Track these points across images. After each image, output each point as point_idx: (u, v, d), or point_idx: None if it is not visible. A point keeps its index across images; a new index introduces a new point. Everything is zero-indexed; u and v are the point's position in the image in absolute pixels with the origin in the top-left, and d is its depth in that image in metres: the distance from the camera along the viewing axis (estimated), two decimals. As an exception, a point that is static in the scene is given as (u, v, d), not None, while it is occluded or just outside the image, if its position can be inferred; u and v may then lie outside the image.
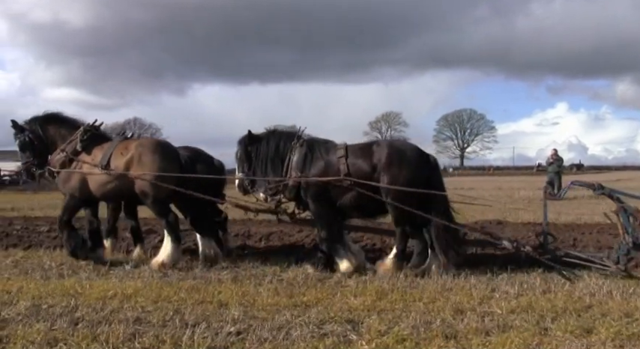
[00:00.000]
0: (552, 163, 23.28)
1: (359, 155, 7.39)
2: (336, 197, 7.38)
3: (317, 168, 7.47)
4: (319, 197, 7.43)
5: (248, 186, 7.90)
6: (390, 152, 7.26)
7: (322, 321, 4.94)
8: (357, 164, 7.30)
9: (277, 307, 5.41)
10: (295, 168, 7.50)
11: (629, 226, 6.80)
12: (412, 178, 7.10)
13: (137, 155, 7.83)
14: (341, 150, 7.44)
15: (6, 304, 5.48)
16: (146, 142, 8.28)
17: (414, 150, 7.45)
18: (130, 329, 4.63)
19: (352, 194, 7.27)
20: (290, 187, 7.53)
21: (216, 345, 4.31)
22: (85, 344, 4.26)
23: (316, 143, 7.76)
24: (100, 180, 7.91)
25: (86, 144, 8.13)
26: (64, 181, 8.20)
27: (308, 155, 7.57)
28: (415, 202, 7.05)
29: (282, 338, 4.45)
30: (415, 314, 5.14)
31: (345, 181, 7.21)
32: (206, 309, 5.33)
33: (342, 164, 7.31)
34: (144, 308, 5.37)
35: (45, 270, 7.43)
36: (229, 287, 6.22)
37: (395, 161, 7.20)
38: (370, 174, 7.22)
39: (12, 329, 4.62)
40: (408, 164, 7.21)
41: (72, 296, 5.80)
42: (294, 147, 7.66)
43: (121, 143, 8.13)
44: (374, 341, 4.44)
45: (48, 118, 8.53)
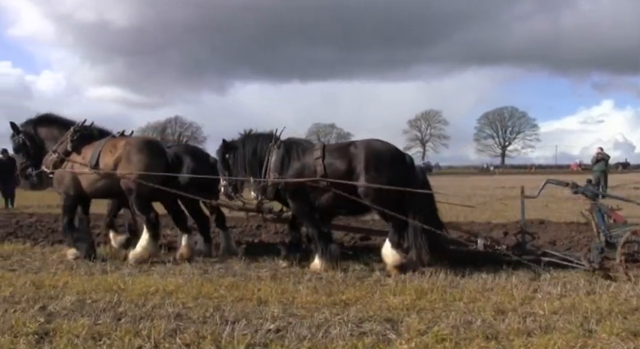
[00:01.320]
0: (598, 162, 22.77)
1: (336, 156, 7.47)
2: (314, 197, 7.51)
3: (294, 169, 7.59)
4: (298, 196, 7.57)
5: (231, 193, 8.02)
6: (368, 153, 7.31)
7: (361, 320, 4.92)
8: (333, 165, 7.38)
9: (316, 305, 5.42)
10: (273, 170, 7.64)
11: (602, 225, 6.87)
12: (390, 178, 7.16)
13: (125, 154, 8.07)
14: (318, 151, 7.53)
15: (52, 298, 5.61)
16: (133, 141, 8.46)
17: (391, 151, 7.52)
18: (171, 324, 4.69)
19: (329, 194, 7.38)
20: (269, 188, 7.70)
21: (256, 342, 4.32)
22: (128, 339, 4.32)
23: (294, 144, 7.88)
24: (90, 178, 8.21)
25: (76, 144, 8.42)
26: (57, 181, 8.49)
27: (285, 156, 7.69)
28: (393, 202, 7.16)
29: (321, 336, 4.45)
30: (455, 313, 5.09)
31: (322, 182, 7.32)
32: (246, 306, 5.37)
33: (319, 165, 7.40)
34: (185, 304, 5.43)
35: (89, 266, 7.59)
36: (269, 285, 6.26)
37: (372, 162, 7.25)
38: (347, 174, 7.29)
39: (58, 323, 4.72)
40: (385, 164, 7.26)
41: (115, 292, 5.90)
42: (271, 148, 7.78)
43: (110, 142, 8.37)
44: (413, 340, 4.40)
45: (40, 120, 8.84)
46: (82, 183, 8.30)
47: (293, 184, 7.53)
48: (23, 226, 11.67)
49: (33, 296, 5.69)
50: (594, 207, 7.01)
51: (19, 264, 7.78)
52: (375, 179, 7.17)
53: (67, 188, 8.40)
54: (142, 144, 8.32)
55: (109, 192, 8.50)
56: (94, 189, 8.33)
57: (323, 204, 7.52)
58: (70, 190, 8.39)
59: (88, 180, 8.25)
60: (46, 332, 4.51)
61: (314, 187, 7.42)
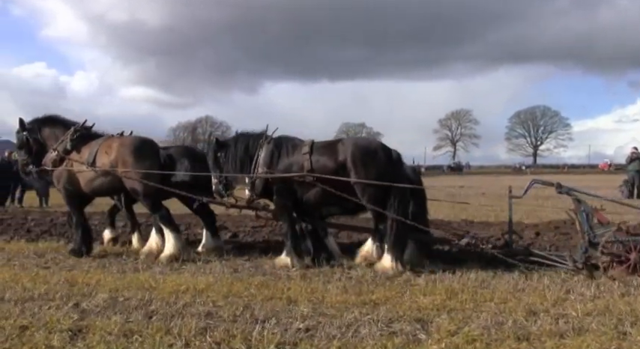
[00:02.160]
0: (633, 161, 22.34)
1: (323, 152, 7.57)
2: (301, 192, 7.64)
3: (282, 165, 7.73)
4: (283, 191, 7.70)
5: (222, 191, 8.15)
6: (355, 150, 7.38)
7: (391, 320, 4.90)
8: (320, 161, 7.49)
9: (346, 305, 5.41)
10: (262, 165, 7.78)
11: (585, 225, 6.94)
12: (377, 175, 7.23)
13: (120, 153, 8.33)
14: (306, 147, 7.64)
15: (85, 296, 5.69)
16: (127, 141, 8.65)
17: (378, 147, 7.55)
18: (201, 323, 4.72)
19: (316, 190, 7.49)
20: (257, 183, 7.84)
21: (286, 341, 4.33)
22: (159, 337, 4.36)
23: (283, 140, 8.00)
24: (87, 176, 8.52)
25: (75, 144, 8.72)
26: (57, 178, 8.84)
27: (275, 152, 7.83)
28: (381, 199, 7.25)
29: (351, 336, 4.44)
30: (486, 314, 5.04)
31: (308, 177, 7.43)
32: (275, 305, 5.38)
33: (306, 160, 7.51)
34: (215, 302, 5.46)
35: (121, 264, 7.70)
36: (298, 284, 6.26)
37: (359, 158, 7.31)
38: (334, 171, 7.39)
39: (91, 321, 4.78)
40: (372, 161, 7.31)
41: (146, 290, 5.96)
42: (262, 145, 7.92)
43: (106, 141, 8.64)
44: (443, 340, 4.36)
45: (45, 120, 9.18)
46: (80, 181, 8.63)
47: (280, 179, 7.67)
48: (57, 224, 11.89)
49: (67, 293, 5.78)
50: (578, 207, 7.08)
51: (53, 262, 7.93)
52: (361, 175, 7.26)
53: (65, 185, 8.75)
54: (136, 144, 8.52)
55: (104, 190, 8.83)
56: (91, 187, 8.62)
57: (310, 199, 7.64)
58: (68, 187, 8.74)
59: (85, 178, 8.57)
60: (79, 328, 4.58)
61: (301, 183, 7.55)
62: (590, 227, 6.93)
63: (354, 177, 7.27)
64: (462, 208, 13.79)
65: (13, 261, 7.96)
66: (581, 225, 7.02)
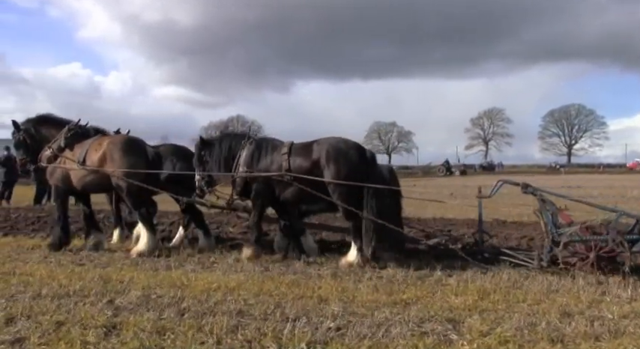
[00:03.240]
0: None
1: (300, 153, 7.87)
2: (279, 191, 7.96)
3: (262, 165, 8.07)
4: (262, 190, 8.04)
5: (204, 187, 8.48)
6: (329, 150, 7.63)
7: (422, 320, 4.88)
8: (297, 161, 7.80)
9: (377, 304, 5.40)
10: (243, 164, 8.14)
11: (550, 224, 7.10)
12: (349, 174, 7.48)
13: (108, 151, 8.66)
14: (285, 148, 7.95)
15: (119, 293, 5.77)
16: (116, 140, 8.99)
17: (352, 147, 7.76)
18: (233, 321, 4.75)
19: (294, 189, 7.80)
20: (238, 182, 8.18)
21: (317, 340, 4.33)
22: (191, 334, 4.39)
23: (264, 141, 8.39)
24: (79, 174, 8.89)
25: (69, 142, 9.12)
26: (50, 174, 9.24)
27: (255, 152, 8.17)
28: (353, 198, 7.48)
29: (382, 336, 4.43)
30: (519, 315, 4.98)
31: (286, 176, 7.76)
32: (306, 304, 5.39)
33: (285, 160, 7.83)
34: (246, 301, 5.49)
35: (154, 262, 7.79)
36: (329, 283, 6.27)
37: (333, 158, 7.57)
38: (310, 170, 7.69)
39: (124, 317, 4.84)
40: (346, 160, 7.55)
41: (179, 288, 6.02)
42: (243, 145, 8.28)
43: (96, 140, 9.02)
44: (475, 341, 4.33)
45: (40, 119, 9.59)
46: (71, 178, 8.99)
47: (260, 178, 7.99)
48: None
49: (101, 290, 5.87)
50: (543, 207, 7.22)
51: (87, 259, 8.07)
52: (333, 173, 7.52)
53: (57, 181, 9.12)
54: (124, 142, 8.83)
55: (95, 187, 9.16)
56: (82, 184, 8.97)
57: (288, 198, 7.97)
58: (59, 183, 9.11)
59: (76, 176, 8.93)
60: (113, 325, 4.64)
61: (279, 182, 7.88)
62: (554, 226, 7.09)
63: (327, 175, 7.55)
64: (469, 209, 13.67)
65: (50, 258, 8.12)
66: (545, 225, 7.17)
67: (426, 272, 6.96)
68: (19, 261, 7.86)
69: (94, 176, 8.77)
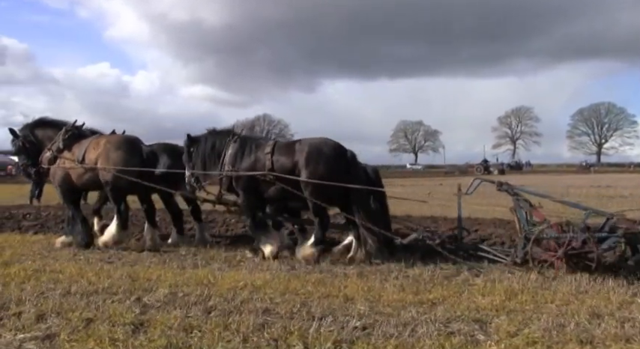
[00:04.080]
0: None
1: (283, 152, 8.06)
2: (263, 189, 8.15)
3: (246, 163, 8.24)
4: (247, 188, 8.21)
5: (194, 184, 8.73)
6: (310, 149, 7.83)
7: (449, 319, 4.85)
8: (280, 160, 8.00)
9: (403, 303, 5.38)
10: (228, 163, 8.33)
11: (523, 222, 7.21)
12: (329, 173, 7.67)
13: (105, 150, 9.00)
14: (268, 147, 8.15)
15: (147, 291, 5.82)
16: (113, 139, 9.35)
17: (332, 147, 7.95)
18: (259, 319, 4.77)
19: (276, 187, 7.98)
20: (224, 179, 8.39)
21: (342, 339, 4.32)
22: (218, 333, 4.42)
23: (248, 140, 8.54)
24: (78, 172, 9.22)
25: (67, 143, 9.45)
26: (52, 176, 9.57)
27: (239, 151, 8.35)
28: (331, 195, 7.72)
29: (408, 335, 4.41)
30: (547, 316, 4.92)
31: (269, 175, 7.94)
32: (332, 303, 5.39)
33: (268, 160, 8.02)
34: (272, 299, 5.50)
35: (181, 260, 7.85)
36: (355, 282, 6.26)
37: (313, 157, 7.77)
38: (291, 169, 7.88)
39: (152, 315, 4.89)
40: (326, 160, 7.75)
41: (205, 286, 6.05)
42: (228, 143, 8.47)
43: (94, 140, 9.34)
44: (503, 342, 4.29)
45: (36, 124, 9.88)
46: (72, 177, 9.32)
47: (244, 176, 8.17)
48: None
49: (129, 287, 5.93)
50: (517, 204, 7.36)
51: (116, 257, 8.16)
52: (314, 173, 7.70)
53: (59, 181, 9.42)
54: (120, 141, 9.19)
55: (95, 185, 9.40)
56: (82, 182, 9.32)
57: (271, 196, 8.18)
58: (62, 183, 9.41)
59: (76, 174, 9.26)
60: (141, 322, 4.69)
61: (263, 180, 8.06)
62: (527, 224, 7.21)
63: (305, 174, 7.73)
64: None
65: (79, 256, 8.24)
66: (519, 222, 7.27)
67: (452, 271, 6.92)
68: (49, 258, 7.99)
69: (93, 174, 9.09)
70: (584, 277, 6.40)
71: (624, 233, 6.80)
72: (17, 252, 8.39)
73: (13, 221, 12.54)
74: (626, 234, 6.81)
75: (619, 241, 6.89)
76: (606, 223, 7.03)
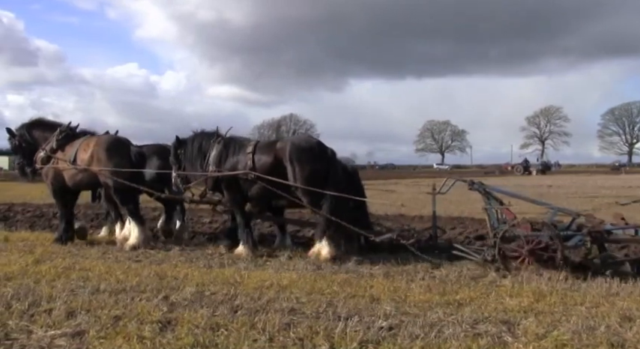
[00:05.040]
0: None
1: (264, 151, 8.31)
2: (245, 188, 8.40)
3: (229, 163, 8.52)
4: (231, 188, 8.48)
5: (180, 184, 8.99)
6: (290, 148, 8.03)
7: (476, 321, 4.80)
8: (261, 159, 8.24)
9: (429, 304, 5.35)
10: (212, 163, 8.60)
11: (493, 220, 7.38)
12: (309, 171, 7.87)
13: (95, 151, 9.27)
14: (250, 147, 8.41)
15: (174, 289, 5.87)
16: (102, 140, 9.57)
17: (313, 145, 8.16)
18: (285, 318, 4.78)
19: (257, 186, 8.23)
20: (209, 179, 8.66)
21: (368, 339, 4.31)
22: (244, 331, 4.44)
23: (232, 141, 8.79)
24: (71, 172, 9.51)
25: (61, 143, 9.72)
26: (45, 175, 9.87)
27: (223, 151, 8.63)
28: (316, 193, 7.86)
29: (434, 336, 4.38)
30: (576, 318, 4.85)
31: (250, 174, 8.18)
32: (358, 303, 5.38)
33: (249, 159, 8.27)
34: (298, 299, 5.52)
35: (208, 259, 7.91)
36: (381, 282, 6.25)
37: (294, 157, 7.95)
38: (272, 168, 8.09)
39: (179, 313, 4.93)
40: (306, 159, 7.94)
41: (232, 285, 6.09)
42: (213, 144, 8.75)
43: (85, 140, 9.61)
44: (531, 344, 4.24)
45: (32, 124, 10.23)
46: (64, 177, 9.60)
47: (228, 176, 8.44)
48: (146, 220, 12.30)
49: (156, 286, 5.99)
50: (487, 203, 7.54)
51: (144, 256, 8.25)
52: (295, 171, 7.91)
53: (52, 181, 9.74)
54: (109, 143, 9.44)
55: (86, 185, 9.74)
56: (74, 182, 9.58)
57: (254, 194, 8.41)
58: (54, 182, 9.72)
59: (68, 174, 9.55)
60: (168, 320, 4.73)
61: (246, 179, 8.30)
62: (497, 222, 7.37)
63: (290, 173, 7.94)
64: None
65: (108, 254, 8.35)
66: (490, 221, 7.42)
67: (479, 272, 6.86)
68: (79, 256, 8.10)
69: (84, 174, 9.37)
70: (615, 279, 6.30)
71: (589, 231, 6.93)
72: (48, 250, 8.54)
73: (44, 219, 12.78)
74: (591, 232, 6.93)
75: (585, 239, 6.99)
76: (573, 222, 7.25)
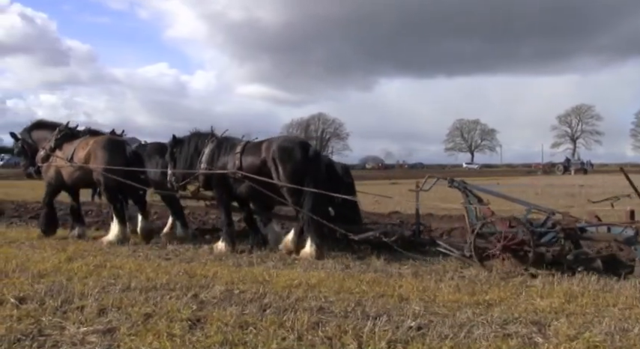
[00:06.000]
0: None
1: (251, 151, 8.65)
2: (234, 187, 8.76)
3: (220, 162, 8.90)
4: (220, 185, 8.87)
5: (174, 183, 9.34)
6: (275, 148, 8.35)
7: (506, 321, 4.76)
8: (248, 159, 8.60)
9: (458, 304, 5.31)
10: (205, 162, 8.98)
11: (472, 217, 7.58)
12: (292, 170, 8.18)
13: (92, 150, 9.61)
14: (239, 147, 8.76)
15: (203, 287, 5.91)
16: (100, 140, 9.91)
17: (296, 145, 8.47)
18: (313, 317, 4.78)
19: (245, 185, 8.58)
20: (200, 177, 9.04)
21: (397, 339, 4.30)
22: (273, 330, 4.45)
23: (224, 141, 9.16)
24: (68, 170, 9.88)
25: (60, 143, 10.15)
26: (44, 172, 10.31)
27: (215, 151, 9.00)
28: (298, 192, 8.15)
29: (464, 337, 4.35)
30: (609, 320, 4.77)
31: (237, 174, 8.56)
32: (387, 302, 5.37)
33: (237, 159, 8.62)
34: (327, 298, 5.51)
35: (236, 258, 7.95)
36: (410, 282, 6.22)
37: (277, 156, 8.27)
38: (259, 168, 8.45)
39: (208, 311, 4.96)
40: (288, 159, 8.24)
41: (261, 284, 6.11)
42: (206, 144, 9.13)
43: (84, 140, 9.99)
44: (562, 345, 4.18)
45: (33, 126, 10.73)
46: (63, 175, 9.99)
47: (217, 174, 8.82)
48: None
49: (186, 284, 6.03)
50: (466, 201, 7.71)
51: (173, 254, 8.33)
52: (279, 170, 8.23)
53: (50, 179, 10.18)
54: (106, 142, 9.77)
55: (84, 182, 10.07)
56: (72, 180, 9.96)
57: (242, 193, 8.77)
58: (52, 180, 10.15)
59: (67, 172, 9.93)
60: (197, 318, 4.76)
61: (233, 178, 8.68)
62: (476, 219, 7.54)
63: (273, 173, 8.27)
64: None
65: (138, 252, 8.44)
66: (468, 217, 7.59)
67: (509, 272, 6.78)
68: (109, 254, 8.21)
69: (82, 172, 9.72)
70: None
71: (562, 228, 7.12)
72: (80, 248, 8.66)
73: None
74: (564, 229, 7.11)
75: (558, 236, 7.14)
76: (547, 219, 7.39)
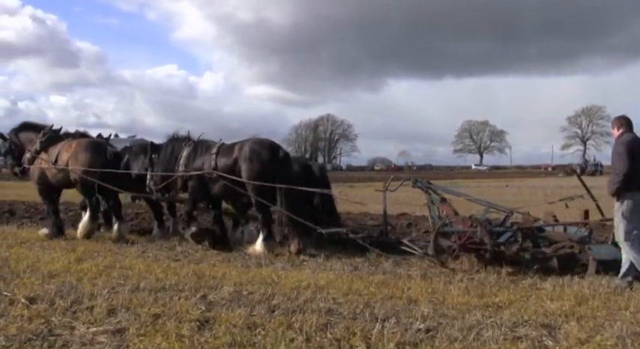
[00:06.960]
0: None
1: (224, 153, 9.02)
2: (210, 187, 9.08)
3: (196, 164, 9.23)
4: (195, 186, 9.20)
5: (153, 187, 9.65)
6: (245, 149, 8.74)
7: (515, 324, 4.73)
8: (222, 160, 8.96)
9: (467, 306, 5.29)
10: (182, 165, 9.34)
11: (434, 216, 7.82)
12: (260, 170, 8.55)
13: (74, 152, 9.97)
14: (214, 149, 9.13)
15: (212, 288, 5.92)
16: (82, 142, 10.31)
17: (265, 147, 8.84)
18: (322, 319, 4.77)
19: (219, 184, 8.92)
20: (178, 180, 9.36)
21: (406, 341, 4.28)
22: (281, 331, 4.44)
23: (200, 143, 9.53)
24: (53, 172, 10.20)
25: (45, 145, 10.46)
26: (31, 174, 10.60)
27: (191, 153, 9.36)
28: (265, 190, 8.52)
29: (473, 339, 4.33)
30: (620, 323, 4.74)
31: (213, 174, 8.88)
32: (395, 304, 5.35)
33: (213, 160, 8.99)
34: (335, 299, 5.51)
35: (245, 259, 7.97)
36: (419, 284, 6.20)
37: (247, 157, 8.66)
38: (231, 168, 8.81)
39: (217, 312, 4.96)
40: (257, 159, 8.63)
41: (269, 285, 6.11)
42: (183, 147, 9.49)
43: (67, 142, 10.33)
44: (572, 348, 4.16)
45: (20, 127, 11.03)
46: (48, 176, 10.31)
47: (193, 175, 9.15)
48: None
49: (195, 285, 6.04)
50: (428, 200, 7.97)
51: (183, 255, 8.35)
52: (247, 170, 8.60)
53: (37, 180, 10.46)
54: (87, 144, 10.18)
55: (67, 183, 10.30)
56: (57, 181, 10.29)
57: (217, 193, 9.12)
58: (39, 181, 10.43)
59: (51, 173, 10.25)
60: (206, 319, 4.76)
61: (209, 179, 9.01)
62: (439, 218, 7.76)
63: (243, 172, 8.61)
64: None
65: (147, 253, 8.47)
66: (431, 217, 7.86)
67: (519, 275, 6.76)
68: (119, 254, 8.24)
69: (66, 173, 10.02)
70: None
71: (518, 227, 7.46)
72: (89, 249, 8.69)
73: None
74: (520, 228, 7.45)
75: (515, 235, 7.46)
76: (506, 219, 7.67)
